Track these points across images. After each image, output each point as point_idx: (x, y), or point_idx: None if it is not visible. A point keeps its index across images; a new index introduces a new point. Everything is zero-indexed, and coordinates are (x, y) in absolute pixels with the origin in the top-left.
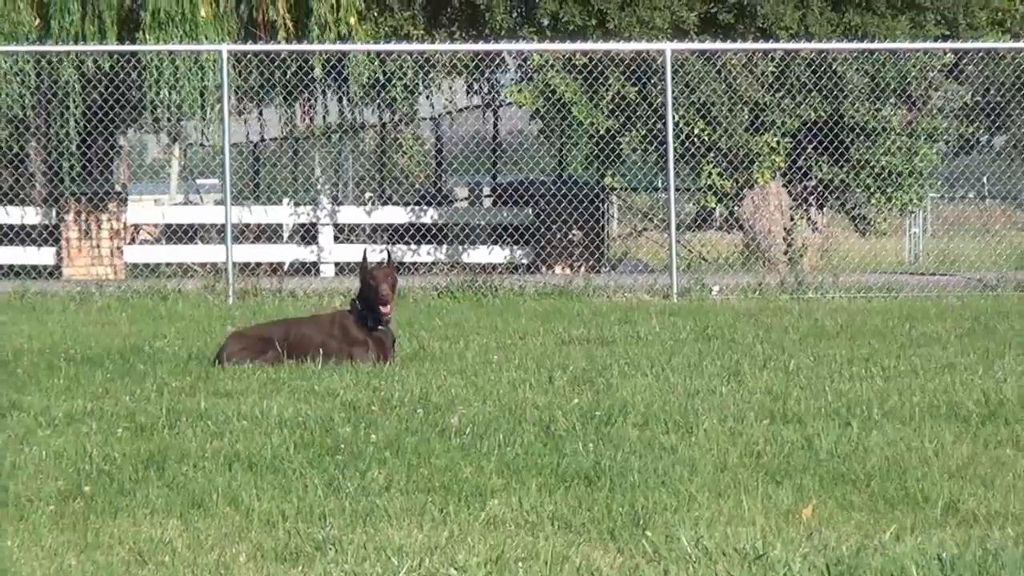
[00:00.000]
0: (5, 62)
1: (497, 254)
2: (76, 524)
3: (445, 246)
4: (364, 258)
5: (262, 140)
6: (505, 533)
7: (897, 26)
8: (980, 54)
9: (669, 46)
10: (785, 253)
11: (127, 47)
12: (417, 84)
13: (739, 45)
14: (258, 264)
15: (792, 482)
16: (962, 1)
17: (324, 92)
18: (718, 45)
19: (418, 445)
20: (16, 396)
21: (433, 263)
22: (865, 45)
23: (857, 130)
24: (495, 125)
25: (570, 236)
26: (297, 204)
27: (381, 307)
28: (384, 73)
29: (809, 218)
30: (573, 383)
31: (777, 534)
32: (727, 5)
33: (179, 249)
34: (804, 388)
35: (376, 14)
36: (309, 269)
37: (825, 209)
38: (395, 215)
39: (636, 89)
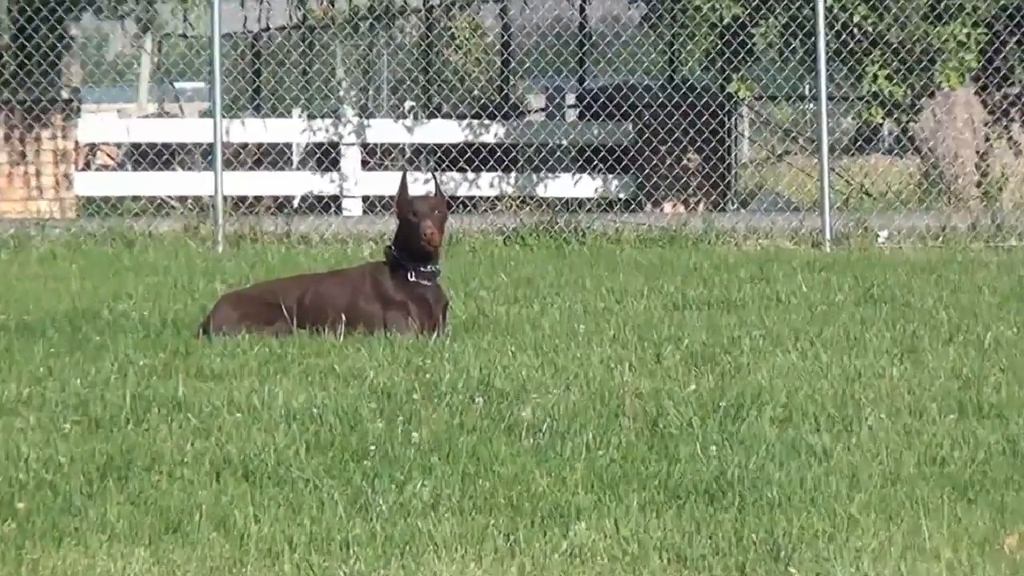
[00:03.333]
0: None
1: (585, 185)
2: (6, 555)
3: (514, 174)
4: (403, 185)
5: (266, 29)
6: (596, 568)
7: None
8: None
9: None
10: (978, 186)
11: None
12: None
13: None
14: (258, 199)
15: (990, 500)
16: None
17: None
18: None
19: (476, 447)
20: None
21: (497, 198)
22: None
23: None
24: (582, 10)
25: (684, 162)
26: (311, 117)
27: (426, 249)
28: None
29: (1011, 138)
30: (689, 362)
31: (971, 570)
32: None
33: (150, 178)
34: (1005, 370)
35: None
36: (328, 205)
37: None
38: (446, 132)
39: None
